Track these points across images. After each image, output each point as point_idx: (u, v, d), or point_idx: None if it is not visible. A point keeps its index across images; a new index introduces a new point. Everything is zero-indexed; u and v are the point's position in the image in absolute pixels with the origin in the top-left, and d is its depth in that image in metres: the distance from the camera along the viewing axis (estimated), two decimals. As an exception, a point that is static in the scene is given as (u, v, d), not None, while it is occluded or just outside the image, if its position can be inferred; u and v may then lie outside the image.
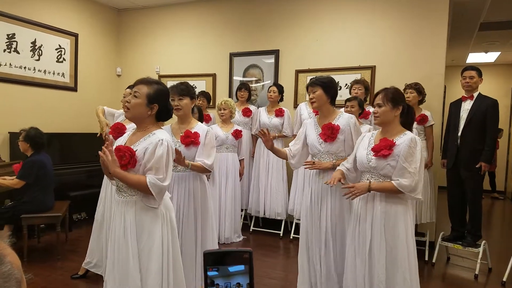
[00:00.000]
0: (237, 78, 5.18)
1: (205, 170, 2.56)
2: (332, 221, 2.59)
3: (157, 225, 1.92)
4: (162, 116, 2.02)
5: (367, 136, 2.37)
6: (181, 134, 2.59)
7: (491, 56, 7.68)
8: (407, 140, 2.15)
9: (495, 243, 4.54)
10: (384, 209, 2.19)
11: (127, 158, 1.86)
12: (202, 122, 4.52)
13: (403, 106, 2.23)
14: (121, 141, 2.04)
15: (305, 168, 2.71)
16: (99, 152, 1.82)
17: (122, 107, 2.10)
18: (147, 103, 1.92)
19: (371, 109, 2.90)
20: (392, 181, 2.13)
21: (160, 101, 1.95)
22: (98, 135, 3.15)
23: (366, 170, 2.28)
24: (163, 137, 1.91)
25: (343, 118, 2.64)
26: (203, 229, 2.66)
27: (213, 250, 0.69)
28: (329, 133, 2.57)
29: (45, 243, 4.16)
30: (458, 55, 7.64)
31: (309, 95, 2.66)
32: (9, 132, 4.32)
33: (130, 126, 2.67)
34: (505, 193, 8.13)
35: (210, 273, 0.67)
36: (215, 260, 0.68)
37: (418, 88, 3.97)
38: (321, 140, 2.63)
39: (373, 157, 2.21)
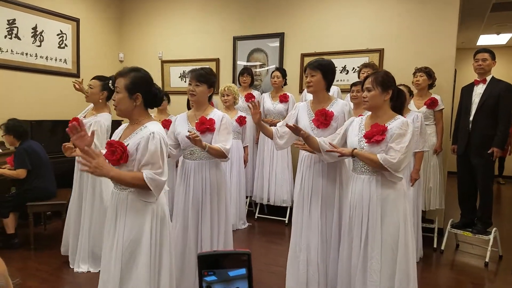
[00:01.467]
0: (241, 63, 5.07)
1: (222, 155, 2.46)
2: (322, 208, 2.54)
3: (146, 219, 1.86)
4: (150, 103, 1.93)
5: (357, 122, 2.29)
6: (196, 121, 2.52)
7: (503, 38, 7.45)
8: (398, 123, 2.10)
9: (505, 230, 4.45)
10: (381, 196, 2.12)
11: (119, 153, 1.79)
12: None
13: (393, 90, 2.16)
14: (115, 135, 1.98)
15: (296, 147, 2.61)
16: (80, 161, 1.71)
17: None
18: (129, 95, 1.85)
19: None
20: (377, 154, 2.06)
21: (141, 89, 1.86)
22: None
23: None
24: (154, 129, 1.83)
25: (337, 105, 2.56)
26: (220, 221, 2.59)
27: (208, 252, 0.62)
28: (323, 119, 2.50)
29: (51, 230, 4.16)
30: (468, 37, 7.42)
31: (306, 78, 2.56)
32: (9, 119, 4.28)
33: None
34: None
35: (206, 278, 0.61)
36: (211, 263, 0.61)
37: (428, 72, 3.85)
38: (313, 125, 2.55)
39: (365, 143, 2.14)
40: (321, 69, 2.49)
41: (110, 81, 3.12)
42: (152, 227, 1.87)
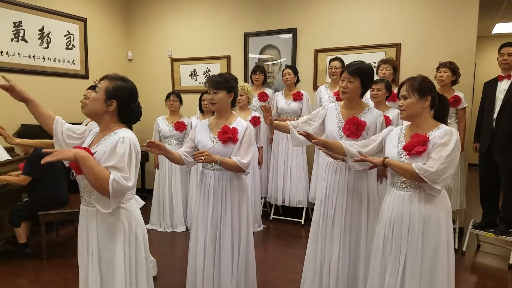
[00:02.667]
0: (253, 60, 4.94)
1: (239, 170, 2.29)
2: (346, 219, 2.39)
3: (118, 240, 1.75)
4: (126, 116, 1.81)
5: (396, 132, 2.11)
6: (218, 130, 2.38)
7: (520, 26, 7.21)
8: (441, 132, 1.92)
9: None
10: (424, 215, 1.93)
11: None
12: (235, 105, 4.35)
13: (432, 97, 1.98)
14: (86, 142, 1.87)
15: (320, 150, 2.41)
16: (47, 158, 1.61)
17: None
18: (105, 99, 1.75)
19: None
20: (412, 164, 1.89)
21: (119, 98, 1.76)
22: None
23: None
24: (125, 135, 1.71)
25: (370, 114, 2.38)
26: (241, 238, 2.44)
27: None
28: (354, 129, 2.33)
29: (64, 237, 4.12)
30: (484, 25, 7.16)
31: (342, 82, 2.37)
32: (22, 125, 4.21)
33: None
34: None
35: None
36: None
37: (453, 68, 3.69)
38: (342, 134, 2.39)
39: (406, 156, 1.96)
40: (361, 76, 2.31)
41: None
42: (125, 249, 1.76)
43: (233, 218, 2.41)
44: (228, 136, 2.32)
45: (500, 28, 7.33)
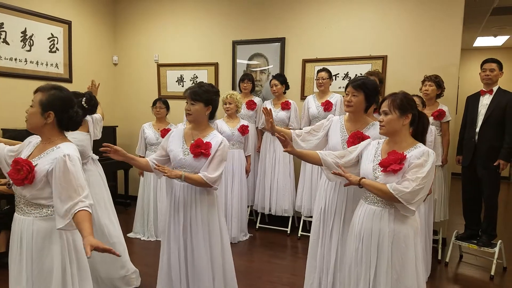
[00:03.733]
0: (241, 67, 4.93)
1: (205, 185, 2.23)
2: (345, 232, 2.35)
3: (55, 249, 1.75)
4: (65, 125, 1.83)
5: (373, 146, 2.12)
6: (192, 141, 2.34)
7: (499, 40, 7.44)
8: (418, 152, 1.91)
9: (510, 239, 4.43)
10: (393, 232, 1.94)
11: (25, 172, 1.69)
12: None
13: (413, 114, 1.99)
14: (24, 152, 1.85)
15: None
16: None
17: None
18: (41, 111, 1.76)
19: None
20: (387, 184, 1.89)
21: (55, 108, 1.76)
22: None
23: None
24: (68, 151, 1.73)
25: (375, 129, 2.35)
26: (212, 251, 2.37)
27: None
28: (358, 142, 2.30)
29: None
30: (465, 38, 7.31)
31: (346, 96, 2.37)
32: (1, 129, 4.09)
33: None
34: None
35: None
36: None
37: (438, 81, 3.75)
38: (346, 147, 2.37)
39: (381, 172, 1.96)
40: (365, 91, 2.30)
41: (84, 99, 2.89)
42: (64, 256, 1.76)
43: (204, 233, 2.34)
44: (200, 150, 2.26)
45: (481, 41, 7.56)
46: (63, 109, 1.78)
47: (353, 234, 2.11)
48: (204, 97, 2.29)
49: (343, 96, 4.27)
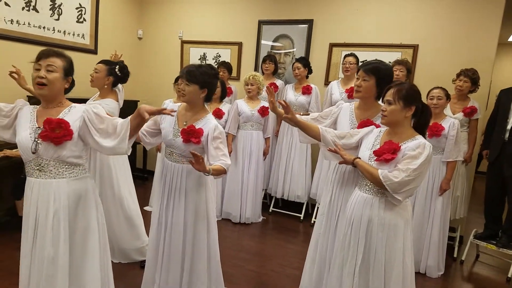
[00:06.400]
0: (265, 48, 4.84)
1: (225, 172, 2.11)
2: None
3: (92, 207, 1.90)
4: (68, 89, 1.95)
5: (374, 133, 2.08)
6: (184, 123, 2.21)
7: (538, 36, 7.08)
8: (414, 144, 1.88)
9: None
10: (382, 220, 1.94)
11: (64, 129, 1.75)
12: (224, 98, 4.15)
13: (416, 106, 1.94)
14: (23, 121, 1.85)
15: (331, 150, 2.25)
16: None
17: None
18: (63, 76, 1.85)
19: None
20: (379, 170, 1.89)
21: (72, 73, 1.91)
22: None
23: None
24: (85, 106, 1.86)
25: None
26: (197, 245, 2.28)
27: None
28: None
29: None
30: (501, 32, 7.05)
31: (357, 80, 2.28)
32: (27, 96, 4.15)
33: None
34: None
35: None
36: None
37: (474, 79, 3.58)
38: None
39: (375, 161, 1.95)
40: (377, 75, 2.19)
41: (117, 66, 2.93)
42: (98, 217, 1.92)
43: (186, 212, 2.26)
44: (190, 138, 2.16)
45: (518, 36, 7.20)
46: (72, 73, 1.93)
47: (344, 218, 2.13)
48: (200, 79, 2.15)
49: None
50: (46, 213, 1.78)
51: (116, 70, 2.92)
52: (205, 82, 2.18)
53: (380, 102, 2.37)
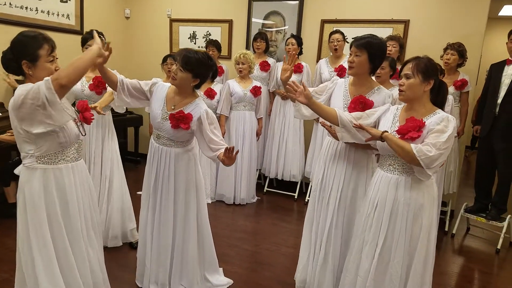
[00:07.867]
0: (256, 26, 4.75)
1: None
2: (341, 204, 2.29)
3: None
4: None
5: (391, 111, 2.03)
6: (172, 107, 2.21)
7: (528, 9, 7.04)
8: (438, 118, 1.83)
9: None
10: (409, 200, 1.89)
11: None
12: (215, 77, 4.15)
13: (435, 81, 1.90)
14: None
15: (322, 125, 2.29)
16: None
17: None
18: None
19: None
20: (411, 144, 1.80)
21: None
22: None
23: (389, 153, 1.95)
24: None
25: (380, 94, 2.22)
26: (187, 226, 2.35)
27: None
28: (360, 108, 2.18)
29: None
30: (491, 6, 7.00)
31: (349, 56, 2.21)
32: (15, 80, 4.04)
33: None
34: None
35: None
36: None
37: (461, 51, 3.58)
38: (347, 112, 2.24)
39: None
40: (369, 50, 2.12)
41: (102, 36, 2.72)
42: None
43: (176, 194, 2.32)
44: (179, 124, 2.17)
45: (508, 10, 7.15)
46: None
47: (367, 200, 2.07)
48: (195, 69, 2.13)
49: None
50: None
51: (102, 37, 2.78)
52: (200, 73, 2.17)
53: (372, 77, 2.37)
